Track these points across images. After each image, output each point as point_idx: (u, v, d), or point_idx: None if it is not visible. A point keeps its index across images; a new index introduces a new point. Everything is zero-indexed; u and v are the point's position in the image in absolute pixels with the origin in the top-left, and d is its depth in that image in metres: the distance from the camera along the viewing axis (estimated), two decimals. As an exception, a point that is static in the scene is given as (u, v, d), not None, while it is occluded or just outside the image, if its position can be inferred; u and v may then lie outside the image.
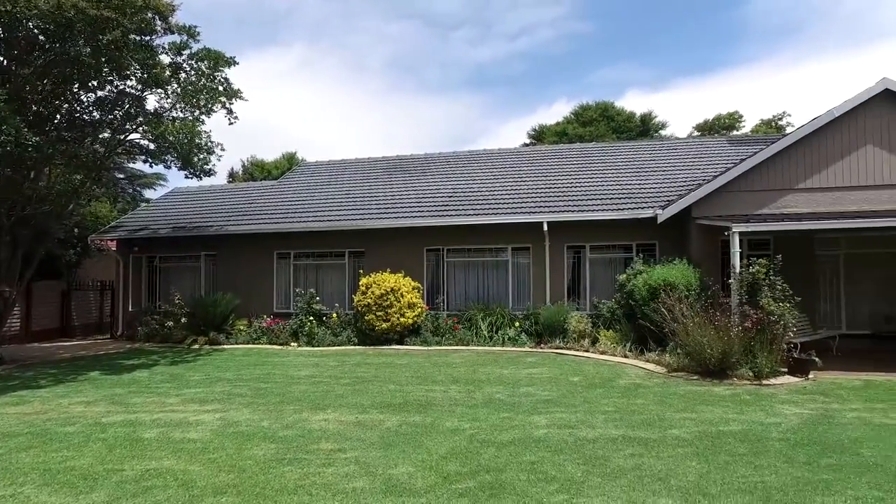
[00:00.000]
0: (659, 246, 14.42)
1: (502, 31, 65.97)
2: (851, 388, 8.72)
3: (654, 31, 62.71)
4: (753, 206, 12.82)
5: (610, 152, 18.87)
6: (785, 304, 9.49)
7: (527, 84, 67.59)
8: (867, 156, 12.46)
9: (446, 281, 15.91)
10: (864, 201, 12.36)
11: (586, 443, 6.18)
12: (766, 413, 7.31)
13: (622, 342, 12.18)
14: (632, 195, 15.13)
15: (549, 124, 41.50)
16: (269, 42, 68.67)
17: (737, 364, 9.41)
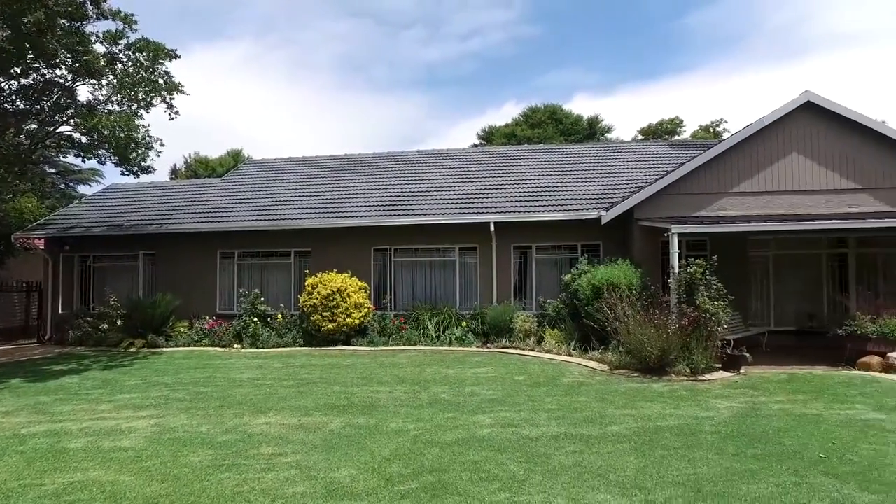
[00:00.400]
0: (603, 246, 14.77)
1: (453, 31, 66.29)
2: (777, 381, 9.17)
3: (602, 37, 64.34)
4: (692, 208, 13.31)
5: (557, 154, 19.21)
6: (719, 302, 9.88)
7: (477, 85, 68.15)
8: (793, 163, 13.13)
9: (394, 281, 15.84)
10: (790, 205, 13.01)
11: (529, 441, 6.26)
12: (701, 407, 7.59)
13: (567, 341, 12.42)
14: (577, 196, 15.45)
15: (498, 125, 41.93)
16: (215, 36, 66.80)
17: (675, 361, 9.73)
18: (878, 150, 12.95)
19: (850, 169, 13.04)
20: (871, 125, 12.91)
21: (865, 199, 12.95)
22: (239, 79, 64.50)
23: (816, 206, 12.97)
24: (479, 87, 68.30)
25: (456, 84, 67.40)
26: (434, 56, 66.98)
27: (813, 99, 12.98)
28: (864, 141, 12.98)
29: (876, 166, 12.96)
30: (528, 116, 41.02)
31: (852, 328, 10.35)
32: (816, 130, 13.13)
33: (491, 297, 14.98)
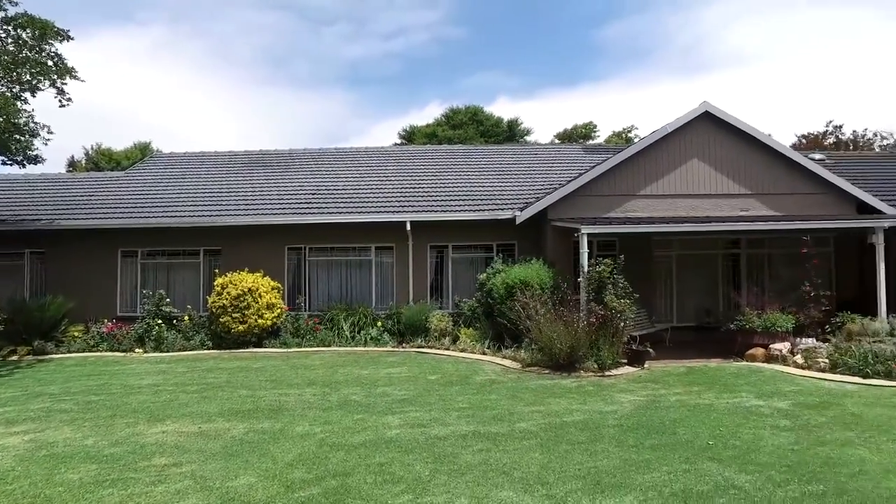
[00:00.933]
0: (518, 246, 15.06)
1: (377, 30, 65.74)
2: (677, 374, 9.66)
3: (525, 42, 65.78)
4: (602, 209, 13.82)
5: (475, 155, 19.41)
6: (625, 300, 10.29)
7: (400, 85, 67.95)
8: (694, 168, 13.92)
9: (309, 281, 15.46)
10: (691, 208, 13.78)
11: (437, 441, 6.24)
12: (606, 402, 7.86)
13: (481, 340, 12.55)
14: (494, 197, 15.67)
15: (420, 126, 41.96)
16: (125, 20, 62.79)
17: (584, 357, 10.04)
18: (766, 160, 13.96)
19: (742, 176, 13.97)
20: (760, 137, 13.91)
21: (755, 204, 13.93)
22: (150, 67, 61.08)
23: (713, 209, 13.81)
24: (403, 87, 68.23)
25: (379, 83, 66.98)
26: (358, 54, 66.24)
27: (710, 109, 13.82)
28: (755, 151, 13.96)
29: (764, 174, 13.96)
30: (450, 117, 41.32)
31: (741, 323, 11.07)
32: (714, 139, 13.98)
33: (407, 297, 14.92)
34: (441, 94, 67.12)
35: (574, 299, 10.98)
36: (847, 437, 6.13)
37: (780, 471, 5.17)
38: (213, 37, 65.14)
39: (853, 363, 8.88)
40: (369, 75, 67.32)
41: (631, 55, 60.24)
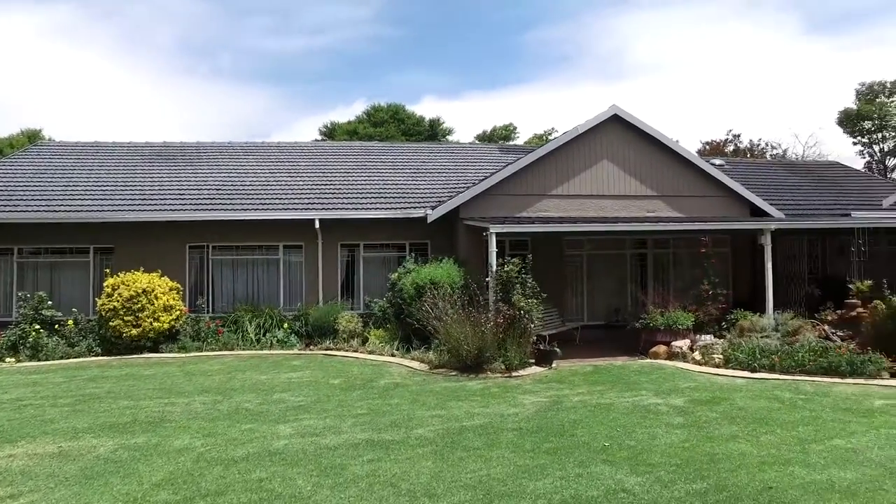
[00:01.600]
0: (431, 245, 14.84)
1: (303, 24, 63.84)
2: (583, 373, 9.72)
3: (452, 44, 65.91)
4: (515, 208, 13.84)
5: (391, 152, 19.03)
6: (533, 300, 10.26)
7: (327, 81, 66.37)
8: (604, 170, 14.20)
9: (212, 281, 14.59)
10: (600, 208, 14.05)
11: (327, 451, 5.87)
12: (509, 404, 7.73)
13: (391, 341, 12.22)
14: (408, 195, 15.37)
15: (341, 122, 41.10)
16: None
17: (492, 358, 9.91)
18: (672, 164, 14.45)
19: (649, 178, 14.38)
20: (665, 141, 14.37)
21: (661, 206, 14.38)
22: (51, 49, 56.50)
23: (622, 210, 14.14)
24: (329, 84, 66.78)
25: (305, 79, 65.17)
26: (282, 48, 64.02)
27: (619, 112, 14.14)
28: (661, 154, 14.41)
29: (670, 177, 14.44)
30: (372, 115, 40.74)
31: (645, 321, 11.33)
32: (623, 141, 14.32)
33: (317, 297, 14.37)
34: (368, 92, 66.35)
35: (483, 299, 10.85)
36: (732, 431, 6.26)
37: (668, 470, 5.16)
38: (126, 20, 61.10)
39: (743, 358, 9.23)
40: (295, 70, 65.44)
41: (551, 60, 61.80)
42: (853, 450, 5.65)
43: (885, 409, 7.01)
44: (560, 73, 60.27)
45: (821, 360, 8.66)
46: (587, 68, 58.30)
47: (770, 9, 52.56)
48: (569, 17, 58.67)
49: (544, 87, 59.10)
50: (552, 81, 59.60)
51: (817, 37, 51.02)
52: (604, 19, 57.35)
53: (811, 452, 5.58)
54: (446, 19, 65.00)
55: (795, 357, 8.88)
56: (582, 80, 58.52)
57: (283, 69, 64.99)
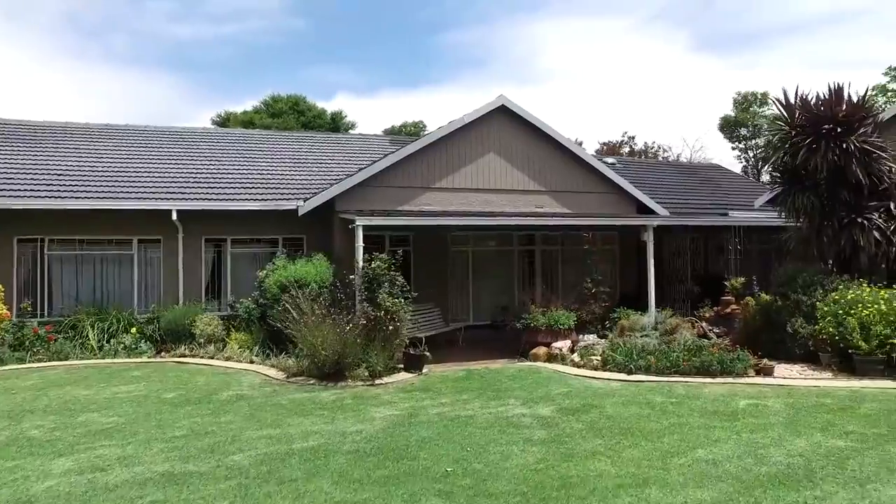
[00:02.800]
0: (307, 241, 13.63)
1: (209, 11, 59.73)
2: (454, 379, 8.93)
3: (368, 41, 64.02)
4: (397, 201, 12.89)
5: (271, 141, 17.51)
6: (400, 300, 9.37)
7: (235, 72, 62.39)
8: (490, 163, 13.57)
9: (49, 280, 12.63)
10: (485, 203, 13.39)
11: (102, 493, 4.65)
12: (357, 419, 6.77)
13: (253, 346, 10.95)
14: (283, 186, 14.08)
15: (236, 112, 38.63)
16: None
17: (354, 364, 8.92)
18: (561, 159, 14.07)
19: (537, 172, 13.91)
20: (554, 134, 13.95)
21: (548, 201, 13.95)
22: None
23: (508, 205, 13.55)
24: (238, 75, 62.95)
25: (211, 68, 60.92)
26: (186, 34, 59.53)
27: (506, 103, 13.55)
28: (550, 148, 13.99)
29: (558, 172, 14.05)
30: (270, 105, 38.58)
31: (527, 321, 10.75)
32: (511, 134, 13.75)
33: (177, 298, 12.78)
34: (278, 85, 63.40)
35: (350, 300, 9.84)
36: (594, 446, 5.61)
37: (511, 502, 4.38)
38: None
39: (620, 360, 8.78)
40: (199, 58, 61.06)
41: (465, 63, 61.52)
42: (714, 462, 5.13)
43: (748, 411, 6.67)
44: (473, 76, 60.12)
45: (694, 360, 8.35)
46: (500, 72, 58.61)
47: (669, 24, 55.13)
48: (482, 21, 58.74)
49: (458, 88, 58.70)
50: (466, 83, 59.28)
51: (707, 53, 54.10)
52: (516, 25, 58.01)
53: (672, 468, 5.00)
54: (361, 16, 63.30)
55: (670, 357, 8.53)
56: (495, 82, 58.68)
57: (187, 57, 60.57)
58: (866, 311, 8.07)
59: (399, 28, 63.61)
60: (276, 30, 62.22)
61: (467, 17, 60.42)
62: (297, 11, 62.00)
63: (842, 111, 9.35)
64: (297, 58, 63.82)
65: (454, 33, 60.69)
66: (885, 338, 7.84)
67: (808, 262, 10.41)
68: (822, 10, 49.26)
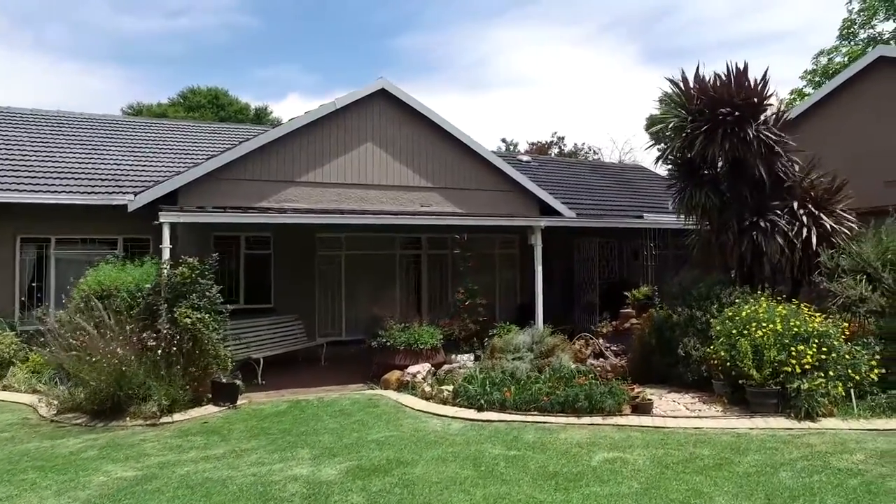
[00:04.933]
0: (154, 241, 11.51)
1: (156, 5, 56.15)
2: (265, 415, 7.09)
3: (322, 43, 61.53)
4: (255, 197, 10.95)
5: (124, 128, 14.92)
6: (206, 315, 7.47)
7: (184, 68, 58.83)
8: (370, 154, 11.79)
9: None
10: (362, 199, 11.60)
11: None
12: (71, 486, 4.86)
13: (49, 370, 8.83)
14: (126, 178, 11.94)
15: (150, 104, 35.85)
16: None
17: (140, 397, 6.98)
18: (453, 152, 12.42)
19: (425, 167, 12.23)
20: (445, 125, 12.26)
21: (438, 199, 12.25)
22: None
23: (389, 202, 11.81)
24: (186, 71, 59.43)
25: (158, 63, 57.16)
26: (131, 28, 55.68)
27: (388, 87, 11.83)
28: (441, 141, 12.33)
29: (450, 167, 12.39)
30: (187, 97, 35.97)
31: (383, 339, 9.00)
32: (394, 123, 12.03)
33: (-19, 310, 10.52)
34: (229, 83, 60.08)
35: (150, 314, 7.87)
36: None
37: None
38: None
39: (473, 391, 7.08)
40: (146, 53, 57.25)
41: (420, 69, 59.61)
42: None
43: (600, 471, 5.04)
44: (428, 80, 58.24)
45: (558, 394, 6.71)
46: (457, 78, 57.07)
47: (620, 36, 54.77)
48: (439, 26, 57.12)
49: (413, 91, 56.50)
50: (421, 87, 57.38)
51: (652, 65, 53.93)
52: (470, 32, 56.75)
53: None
54: (315, 16, 60.81)
55: (530, 390, 6.88)
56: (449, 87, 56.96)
57: (132, 51, 56.68)
58: (760, 333, 6.60)
59: (353, 30, 61.52)
60: (228, 27, 59.29)
61: (422, 21, 58.90)
62: (251, 9, 59.20)
63: (741, 95, 7.96)
64: (249, 58, 61.02)
65: (409, 37, 58.98)
66: (779, 365, 6.38)
67: (712, 270, 9.00)
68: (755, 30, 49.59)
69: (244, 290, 11.35)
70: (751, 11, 49.59)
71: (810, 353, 6.37)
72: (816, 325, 6.68)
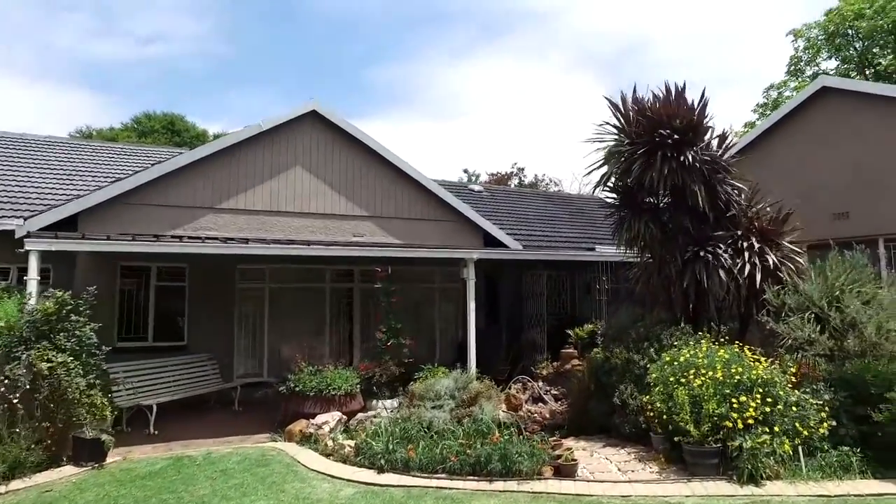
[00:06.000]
0: (56, 272, 10.43)
1: (131, 30, 55.10)
2: (134, 477, 6.02)
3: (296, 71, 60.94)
4: (169, 224, 10.00)
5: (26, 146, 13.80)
6: (72, 359, 6.43)
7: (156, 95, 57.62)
8: (298, 181, 10.97)
9: None
10: (289, 228, 10.74)
11: None
12: None
13: None
14: (20, 202, 10.87)
15: (101, 128, 34.66)
16: None
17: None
18: (391, 180, 11.70)
19: (360, 195, 11.46)
20: (381, 151, 11.56)
21: (373, 229, 11.46)
22: None
23: (319, 232, 10.96)
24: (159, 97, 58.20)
25: (130, 89, 55.72)
26: (104, 52, 54.36)
27: (319, 109, 11.10)
28: (378, 168, 11.60)
29: (387, 195, 11.67)
30: (141, 122, 34.88)
31: (292, 383, 8.01)
32: (327, 147, 11.29)
33: None
34: (203, 112, 58.93)
35: (7, 356, 6.80)
36: None
37: None
38: None
39: (378, 448, 6.13)
40: (119, 79, 55.82)
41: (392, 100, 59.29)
42: None
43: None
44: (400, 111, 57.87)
45: (468, 454, 5.80)
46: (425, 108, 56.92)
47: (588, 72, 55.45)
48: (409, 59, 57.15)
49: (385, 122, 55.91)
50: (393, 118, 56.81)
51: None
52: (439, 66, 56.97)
53: None
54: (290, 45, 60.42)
55: (438, 447, 5.96)
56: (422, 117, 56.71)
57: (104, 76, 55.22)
58: (699, 381, 5.83)
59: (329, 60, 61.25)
60: (202, 54, 58.42)
61: (395, 53, 58.92)
62: (226, 37, 58.57)
63: (680, 117, 7.36)
64: (222, 84, 60.10)
65: (382, 69, 58.86)
66: (719, 419, 5.60)
67: (657, 307, 8.27)
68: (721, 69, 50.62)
69: (153, 325, 10.26)
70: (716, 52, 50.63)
71: (753, 405, 5.59)
72: (761, 371, 5.93)
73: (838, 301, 6.55)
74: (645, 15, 50.68)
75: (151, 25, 55.41)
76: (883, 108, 10.05)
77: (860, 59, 24.22)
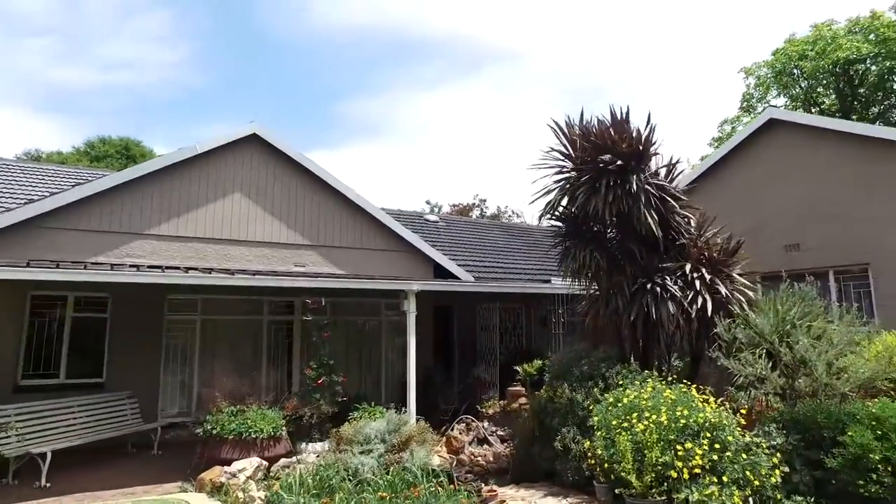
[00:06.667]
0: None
1: (98, 56, 54.01)
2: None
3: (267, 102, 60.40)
4: (92, 250, 9.33)
5: None
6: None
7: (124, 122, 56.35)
8: (237, 206, 10.42)
9: None
10: (224, 257, 10.13)
11: None
12: None
13: None
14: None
15: (49, 152, 33.48)
16: None
17: None
18: (337, 208, 11.26)
19: (303, 223, 10.95)
20: (326, 178, 11.13)
21: (315, 258, 10.93)
22: None
23: (257, 260, 10.38)
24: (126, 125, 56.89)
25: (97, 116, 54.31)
26: (70, 79, 53.00)
27: (260, 132, 10.64)
28: (323, 195, 11.16)
29: (333, 224, 11.19)
30: (95, 146, 33.82)
31: (210, 426, 7.28)
32: (268, 172, 10.80)
33: None
34: (170, 139, 57.84)
35: None
36: None
37: None
38: None
39: (289, 502, 5.46)
40: (84, 106, 54.41)
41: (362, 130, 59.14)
42: None
43: None
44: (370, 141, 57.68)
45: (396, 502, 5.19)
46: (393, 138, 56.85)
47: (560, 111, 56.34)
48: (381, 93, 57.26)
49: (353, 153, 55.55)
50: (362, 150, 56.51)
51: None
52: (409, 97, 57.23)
53: None
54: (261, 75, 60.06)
55: (352, 503, 5.32)
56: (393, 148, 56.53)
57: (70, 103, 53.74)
58: (641, 426, 5.35)
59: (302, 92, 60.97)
60: (172, 84, 57.54)
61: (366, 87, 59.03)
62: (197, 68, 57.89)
63: (626, 142, 7.06)
64: (192, 114, 59.19)
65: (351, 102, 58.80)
66: (663, 468, 5.11)
67: (606, 342, 7.82)
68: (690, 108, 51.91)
69: (66, 361, 9.40)
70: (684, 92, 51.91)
71: (700, 452, 5.12)
72: (709, 413, 5.48)
73: (789, 336, 6.20)
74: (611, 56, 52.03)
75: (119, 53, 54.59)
76: (833, 143, 10.00)
77: (806, 98, 25.06)
